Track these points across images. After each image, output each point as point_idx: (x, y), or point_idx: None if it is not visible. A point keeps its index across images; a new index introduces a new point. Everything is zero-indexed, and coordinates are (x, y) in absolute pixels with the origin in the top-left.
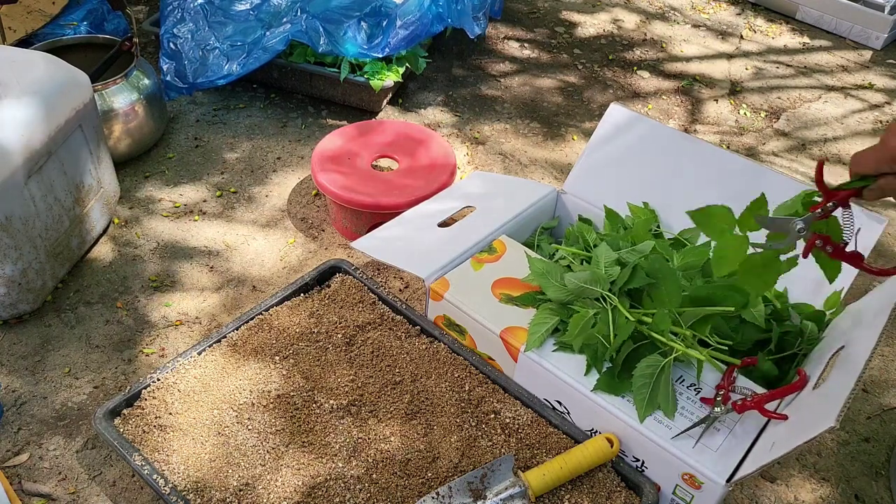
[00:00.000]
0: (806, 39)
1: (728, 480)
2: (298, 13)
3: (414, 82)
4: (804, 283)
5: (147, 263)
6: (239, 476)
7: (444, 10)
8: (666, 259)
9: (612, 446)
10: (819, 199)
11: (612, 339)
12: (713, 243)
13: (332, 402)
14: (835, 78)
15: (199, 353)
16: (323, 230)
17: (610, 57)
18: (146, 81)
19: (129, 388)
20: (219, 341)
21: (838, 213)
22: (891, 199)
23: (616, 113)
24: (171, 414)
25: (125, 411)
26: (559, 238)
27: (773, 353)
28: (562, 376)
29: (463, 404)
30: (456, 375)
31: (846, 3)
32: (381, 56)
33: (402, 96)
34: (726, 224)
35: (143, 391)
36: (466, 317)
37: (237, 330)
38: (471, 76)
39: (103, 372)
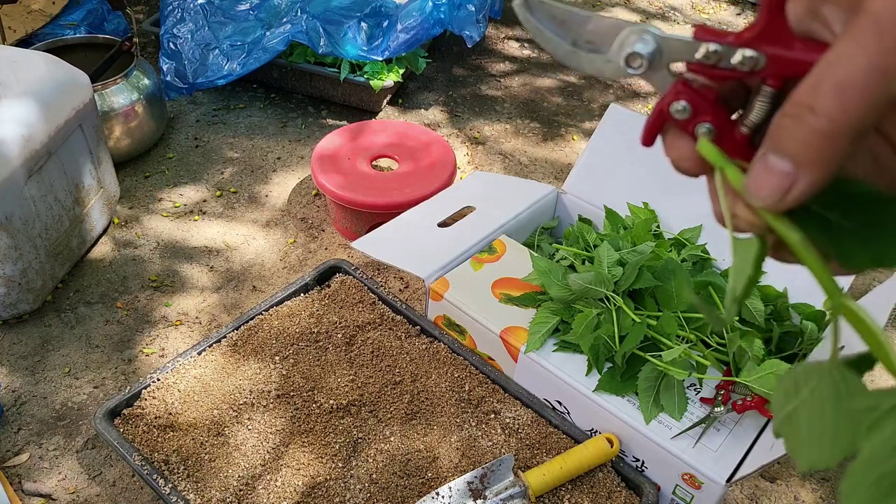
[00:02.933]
0: None
1: (728, 480)
2: (298, 13)
3: (414, 82)
4: (804, 283)
5: (147, 263)
6: (239, 476)
7: (447, 17)
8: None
9: (612, 446)
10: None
11: (618, 340)
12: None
13: (332, 402)
14: None
15: (199, 353)
16: (323, 230)
17: None
18: (146, 81)
19: (129, 388)
20: (219, 341)
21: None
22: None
23: (616, 113)
24: (171, 414)
25: (125, 411)
26: (559, 238)
27: (774, 353)
28: (562, 376)
29: (463, 404)
30: (456, 375)
31: None
32: (380, 59)
33: (402, 96)
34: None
35: (143, 391)
36: (466, 317)
37: (237, 330)
38: (471, 76)
39: (103, 372)
